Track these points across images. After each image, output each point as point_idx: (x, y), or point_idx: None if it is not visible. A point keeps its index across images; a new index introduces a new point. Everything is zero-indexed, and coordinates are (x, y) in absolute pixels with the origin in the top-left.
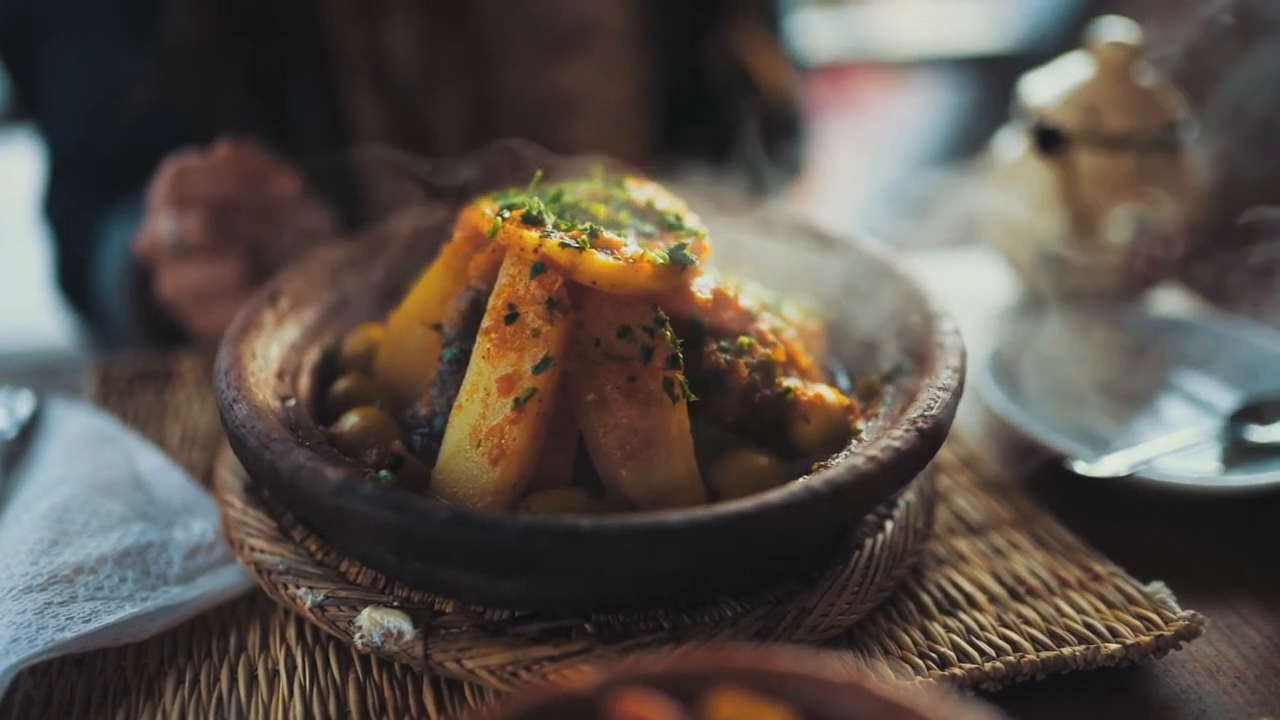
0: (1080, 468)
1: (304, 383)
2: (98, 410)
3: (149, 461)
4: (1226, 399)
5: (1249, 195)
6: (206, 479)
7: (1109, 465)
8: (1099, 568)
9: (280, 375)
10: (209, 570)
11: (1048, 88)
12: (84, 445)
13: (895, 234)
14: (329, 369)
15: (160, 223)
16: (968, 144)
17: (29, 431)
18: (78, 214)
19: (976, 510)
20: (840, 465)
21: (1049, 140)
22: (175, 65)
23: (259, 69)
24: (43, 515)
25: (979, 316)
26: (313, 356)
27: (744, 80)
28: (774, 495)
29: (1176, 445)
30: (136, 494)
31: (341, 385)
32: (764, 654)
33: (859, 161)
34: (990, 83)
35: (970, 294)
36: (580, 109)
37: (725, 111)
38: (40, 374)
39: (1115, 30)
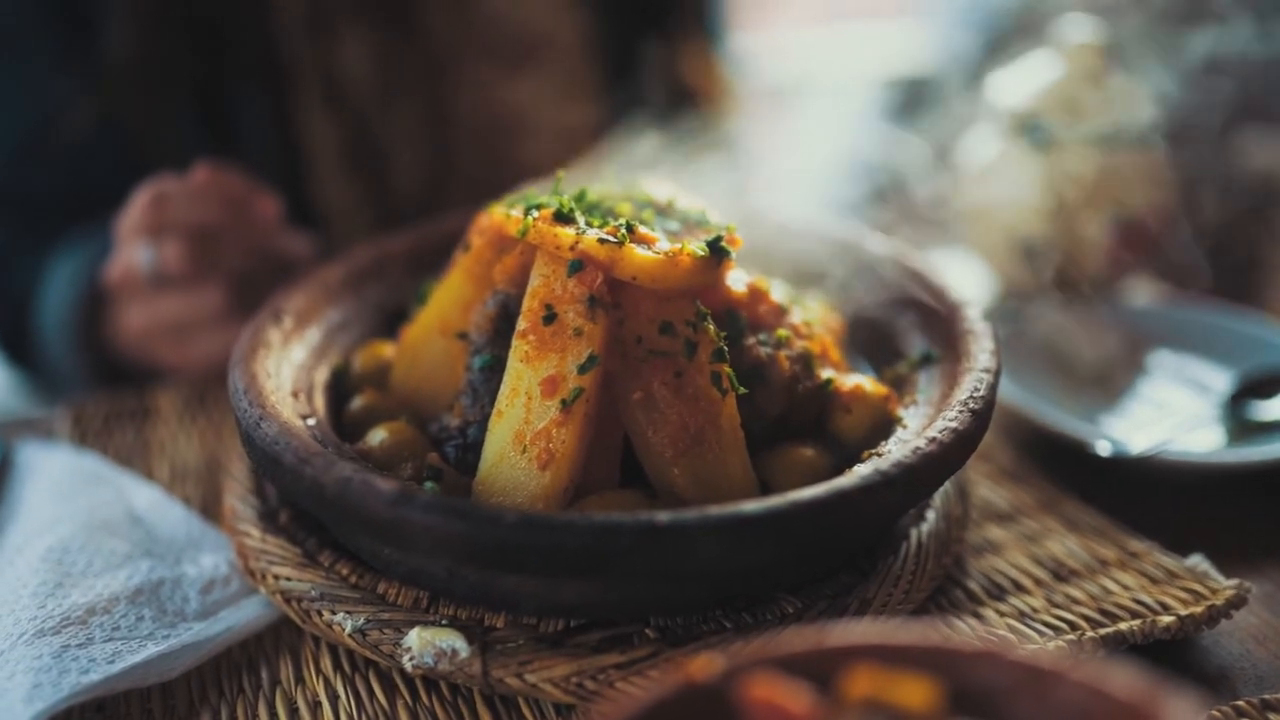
0: (1103, 450)
1: (319, 401)
2: (76, 451)
3: (144, 498)
4: (1217, 379)
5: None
6: (206, 513)
7: (1133, 446)
8: (1134, 545)
9: (295, 395)
10: (228, 604)
11: (1020, 86)
12: (72, 485)
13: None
14: (339, 388)
15: (136, 252)
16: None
17: (2, 475)
18: (14, 257)
19: (1001, 499)
20: (904, 448)
21: (1035, 134)
22: (115, 83)
23: (204, 86)
24: (40, 558)
25: None
26: (322, 375)
27: (684, 96)
28: (846, 481)
29: (1188, 425)
30: (136, 531)
31: (359, 403)
32: (891, 629)
33: (803, 174)
34: (912, 104)
35: None
36: (535, 125)
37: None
38: (7, 423)
39: (1082, 29)
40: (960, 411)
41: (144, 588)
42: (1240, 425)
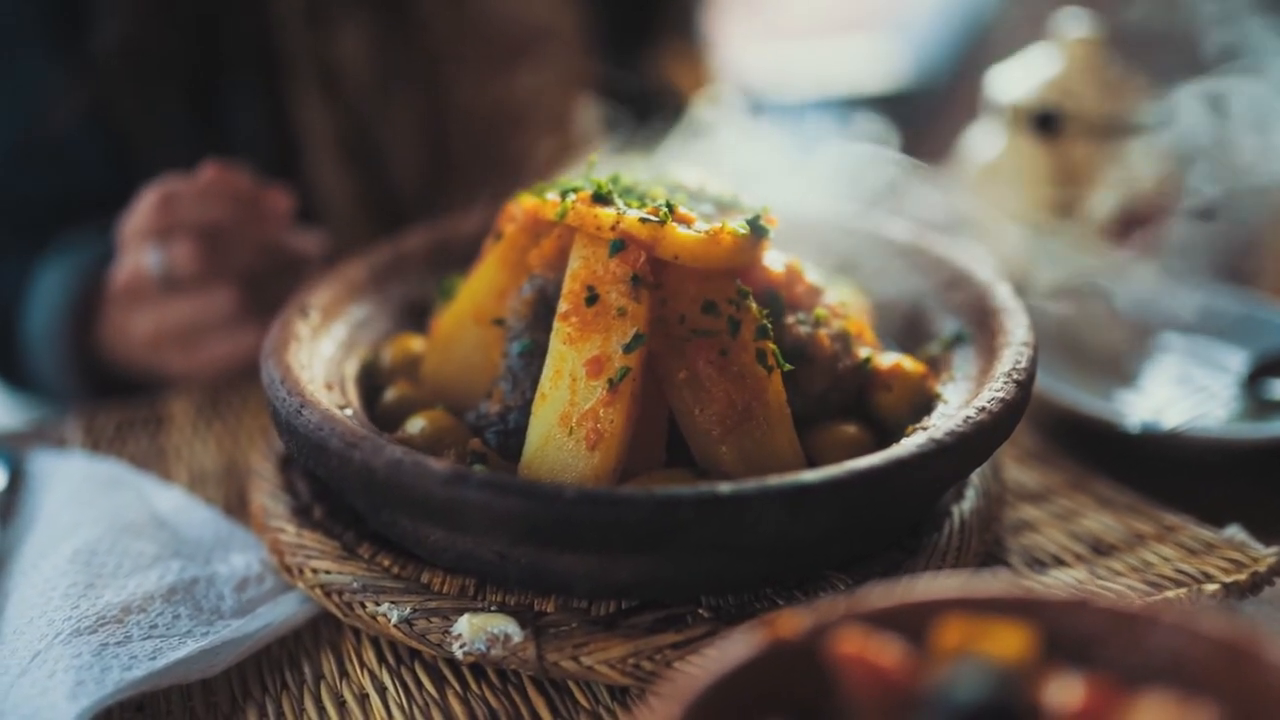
0: (1134, 428)
1: (351, 393)
2: (91, 458)
3: (167, 500)
4: (1230, 360)
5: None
6: (230, 516)
7: (1164, 423)
8: (1169, 519)
9: (329, 387)
10: (264, 601)
11: (1023, 79)
12: (91, 490)
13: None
14: (368, 382)
15: (143, 255)
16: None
17: (15, 484)
18: (2, 265)
19: (1031, 480)
20: (954, 420)
21: (1046, 123)
22: (108, 75)
23: (199, 77)
24: (68, 560)
25: None
26: (351, 369)
27: (671, 97)
28: (902, 450)
29: (1207, 403)
30: (162, 533)
31: (392, 394)
32: (978, 582)
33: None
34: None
35: None
36: (533, 117)
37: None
38: (18, 433)
39: (1080, 23)
40: (1006, 382)
41: (178, 586)
42: (1258, 404)
